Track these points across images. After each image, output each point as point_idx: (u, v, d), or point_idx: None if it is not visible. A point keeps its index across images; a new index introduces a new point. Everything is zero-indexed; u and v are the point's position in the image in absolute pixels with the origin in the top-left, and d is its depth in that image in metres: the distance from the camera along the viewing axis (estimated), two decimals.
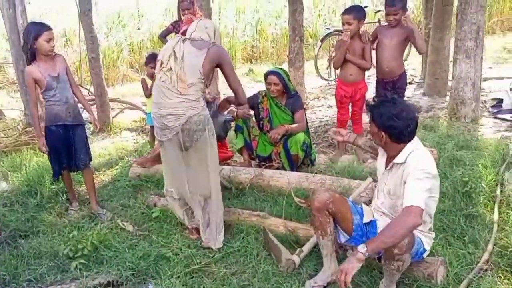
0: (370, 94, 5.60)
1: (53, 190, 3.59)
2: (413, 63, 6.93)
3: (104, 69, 5.88)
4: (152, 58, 4.42)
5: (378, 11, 7.78)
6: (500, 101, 4.99)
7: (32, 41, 2.95)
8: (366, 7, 8.59)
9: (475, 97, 4.49)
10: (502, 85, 5.58)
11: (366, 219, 2.33)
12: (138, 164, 3.77)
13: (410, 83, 5.85)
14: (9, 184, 3.85)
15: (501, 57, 7.11)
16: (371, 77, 6.38)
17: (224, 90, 4.91)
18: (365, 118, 3.54)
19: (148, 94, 4.39)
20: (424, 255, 2.25)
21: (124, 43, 8.46)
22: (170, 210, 3.13)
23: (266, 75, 3.51)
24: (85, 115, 3.73)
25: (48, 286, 2.53)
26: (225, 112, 3.56)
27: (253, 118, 3.65)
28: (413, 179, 2.03)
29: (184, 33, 4.30)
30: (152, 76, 4.44)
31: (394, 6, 3.42)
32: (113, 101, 5.93)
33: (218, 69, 2.73)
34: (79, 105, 3.30)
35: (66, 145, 3.18)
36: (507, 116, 4.58)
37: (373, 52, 3.72)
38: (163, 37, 4.70)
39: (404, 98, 3.76)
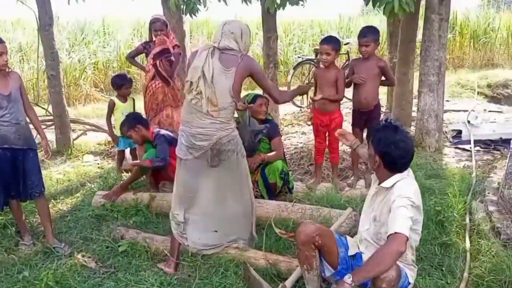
0: (346, 124, 5.67)
1: (0, 221, 3.14)
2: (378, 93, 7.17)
3: (64, 88, 5.48)
4: (125, 79, 4.21)
5: (347, 43, 8.04)
6: (459, 132, 5.25)
7: None
8: (348, 43, 8.89)
9: (438, 128, 4.65)
10: (460, 117, 5.91)
11: (351, 252, 2.26)
12: (105, 198, 3.44)
13: None
14: None
15: (456, 91, 7.57)
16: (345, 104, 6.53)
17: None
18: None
19: (109, 118, 4.15)
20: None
21: (88, 61, 8.04)
22: (140, 243, 2.83)
23: None
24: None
25: None
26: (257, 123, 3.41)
27: None
28: (397, 207, 1.99)
29: (157, 55, 4.12)
30: (125, 98, 4.20)
31: (365, 37, 3.49)
32: (74, 122, 5.52)
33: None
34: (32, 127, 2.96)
35: (13, 171, 2.81)
36: (467, 146, 4.79)
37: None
38: (132, 57, 4.49)
39: None
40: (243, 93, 3.28)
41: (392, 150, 2.05)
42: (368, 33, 3.49)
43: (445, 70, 4.63)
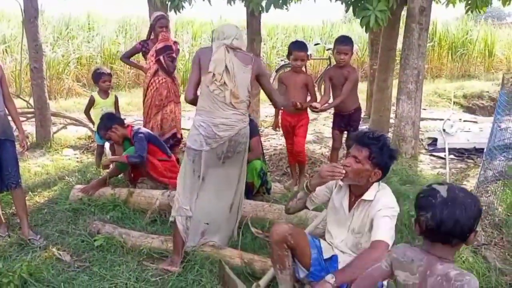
0: (321, 125, 5.70)
1: None
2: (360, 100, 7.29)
3: (47, 81, 5.39)
4: (103, 72, 4.17)
5: (329, 49, 8.16)
6: (435, 140, 5.36)
7: None
8: (317, 44, 9.00)
9: (414, 135, 4.75)
10: (436, 125, 6.04)
11: (326, 255, 2.25)
12: (83, 192, 3.39)
13: None
14: None
15: (433, 100, 7.75)
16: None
17: None
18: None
19: (87, 112, 4.11)
20: None
21: (72, 56, 7.91)
22: (116, 238, 2.82)
23: None
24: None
25: None
26: None
27: None
28: (383, 216, 2.00)
29: (160, 51, 4.05)
30: (107, 94, 4.16)
31: (347, 45, 3.56)
32: (55, 115, 5.42)
33: None
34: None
35: None
36: (441, 154, 4.90)
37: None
38: (127, 57, 4.42)
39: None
40: None
41: (392, 162, 2.07)
42: (348, 42, 3.57)
43: (423, 78, 4.74)
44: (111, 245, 2.78)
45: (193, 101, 2.66)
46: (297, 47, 3.57)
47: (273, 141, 5.35)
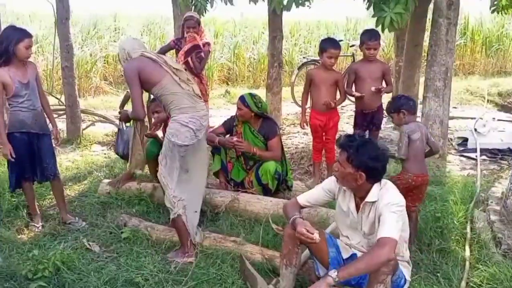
0: (344, 124, 5.69)
1: (13, 203, 3.33)
2: (383, 97, 7.21)
3: (76, 80, 5.67)
4: None
5: (353, 45, 8.10)
6: (465, 140, 5.21)
7: (12, 46, 2.85)
8: (341, 40, 8.96)
9: (443, 135, 4.67)
10: (467, 124, 5.87)
11: (345, 255, 2.30)
12: (110, 185, 3.59)
13: None
14: None
15: (464, 98, 7.54)
16: (346, 107, 6.60)
17: None
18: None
19: (122, 108, 4.27)
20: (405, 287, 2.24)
21: (99, 54, 8.25)
22: (142, 231, 2.99)
23: None
24: None
25: None
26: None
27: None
28: (388, 212, 2.04)
29: (188, 52, 4.24)
30: None
31: (376, 40, 3.57)
32: (84, 112, 5.71)
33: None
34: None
35: (29, 154, 3.01)
36: (472, 155, 4.78)
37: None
38: (163, 53, 4.60)
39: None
40: (244, 92, 3.43)
41: (377, 163, 2.08)
42: (377, 36, 3.59)
43: (451, 75, 4.64)
44: (137, 237, 2.96)
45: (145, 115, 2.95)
46: (332, 45, 3.57)
47: (295, 139, 5.40)
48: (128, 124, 3.41)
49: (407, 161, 2.80)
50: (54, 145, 3.24)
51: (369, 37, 3.58)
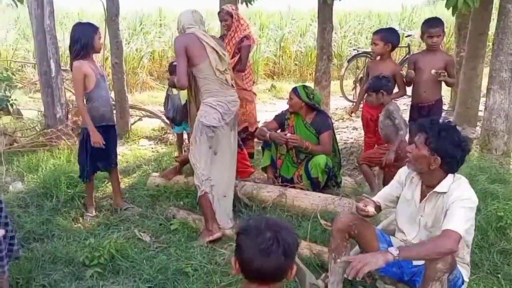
0: None
1: (69, 194, 3.61)
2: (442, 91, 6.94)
3: (124, 75, 5.99)
4: None
5: (408, 35, 7.84)
6: None
7: (91, 39, 3.09)
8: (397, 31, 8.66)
9: (507, 130, 4.45)
10: None
11: None
12: (163, 176, 3.79)
13: None
14: (24, 185, 3.89)
15: None
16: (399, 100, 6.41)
17: None
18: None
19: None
20: None
21: (145, 50, 8.63)
22: (190, 223, 3.14)
23: None
24: None
25: None
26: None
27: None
28: (458, 207, 2.00)
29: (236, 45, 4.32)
30: None
31: (437, 27, 3.48)
32: (132, 107, 6.01)
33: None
34: None
35: (105, 146, 3.22)
36: None
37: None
38: None
39: None
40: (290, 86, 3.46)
41: (456, 150, 2.03)
42: (440, 24, 3.49)
43: None
44: (186, 229, 3.11)
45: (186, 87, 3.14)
46: (431, 24, 3.50)
47: (344, 134, 5.36)
48: (175, 90, 3.60)
49: (396, 136, 3.26)
50: None
51: (431, 25, 3.50)
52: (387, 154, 3.30)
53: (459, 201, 2.01)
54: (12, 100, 4.69)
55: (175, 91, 3.66)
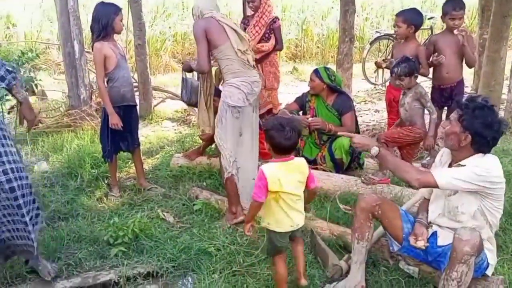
0: None
1: (93, 174, 3.62)
2: (464, 73, 6.64)
3: (147, 57, 5.92)
4: None
5: (431, 17, 7.52)
6: None
7: (111, 20, 3.04)
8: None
9: None
10: None
11: None
12: (185, 156, 3.75)
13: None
14: (49, 164, 3.92)
15: None
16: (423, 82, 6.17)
17: None
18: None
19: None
20: (488, 272, 2.14)
21: (168, 32, 8.53)
22: (213, 204, 3.09)
23: None
24: None
25: (87, 271, 2.52)
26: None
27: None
28: (466, 168, 2.00)
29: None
30: None
31: (461, 9, 3.40)
32: (155, 89, 5.97)
33: None
34: None
35: (125, 126, 3.21)
36: None
37: None
38: None
39: None
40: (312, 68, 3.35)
41: (488, 130, 1.98)
42: (462, 5, 3.41)
43: None
44: (208, 210, 3.07)
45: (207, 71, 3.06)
46: (455, 5, 3.40)
47: (366, 117, 5.21)
48: (189, 74, 3.53)
49: (421, 118, 3.21)
50: None
51: (454, 6, 3.40)
52: (427, 139, 3.24)
53: (473, 167, 1.99)
54: (37, 80, 4.70)
55: (189, 74, 3.59)
